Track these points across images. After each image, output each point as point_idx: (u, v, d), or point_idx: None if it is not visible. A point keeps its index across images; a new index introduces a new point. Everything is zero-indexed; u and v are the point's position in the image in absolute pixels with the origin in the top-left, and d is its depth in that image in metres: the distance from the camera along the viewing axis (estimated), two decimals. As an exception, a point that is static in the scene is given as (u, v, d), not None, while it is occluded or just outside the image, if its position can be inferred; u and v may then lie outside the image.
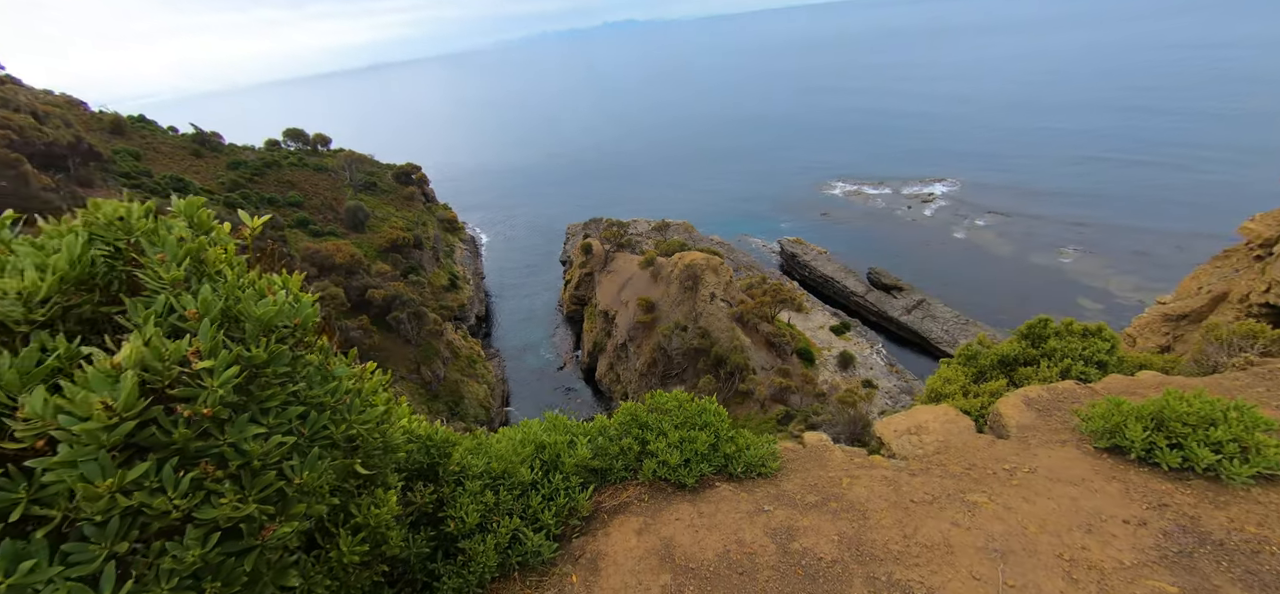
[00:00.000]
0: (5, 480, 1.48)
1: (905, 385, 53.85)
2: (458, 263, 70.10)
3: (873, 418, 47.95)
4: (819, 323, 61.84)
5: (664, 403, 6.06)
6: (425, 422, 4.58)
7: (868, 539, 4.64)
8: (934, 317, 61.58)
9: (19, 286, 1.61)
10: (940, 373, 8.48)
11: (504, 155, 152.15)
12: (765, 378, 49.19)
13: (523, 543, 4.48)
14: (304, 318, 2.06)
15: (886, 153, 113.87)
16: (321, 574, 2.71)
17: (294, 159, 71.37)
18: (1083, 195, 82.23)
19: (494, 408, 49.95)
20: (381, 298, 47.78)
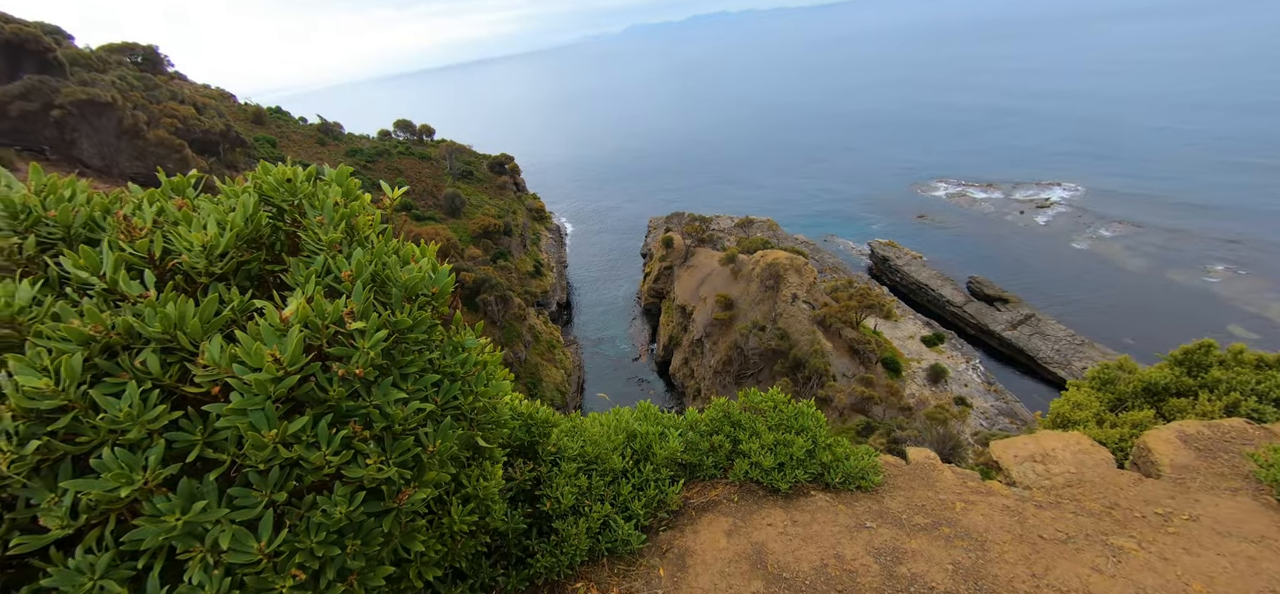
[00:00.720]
0: (186, 422, 1.59)
1: (1005, 406, 49.38)
2: (543, 251, 72.63)
3: (964, 438, 44.57)
4: (909, 332, 58.05)
5: (758, 402, 5.81)
6: (525, 400, 4.66)
7: (988, 574, 4.17)
8: (1043, 334, 55.90)
9: (202, 240, 1.73)
10: (1068, 397, 7.53)
11: (591, 148, 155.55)
12: (846, 386, 46.95)
13: (613, 530, 4.44)
14: (442, 287, 2.09)
15: (998, 152, 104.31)
16: (433, 539, 2.77)
17: (402, 148, 76.93)
18: (1237, 208, 71.09)
19: (569, 393, 51.33)
20: (472, 280, 50.43)
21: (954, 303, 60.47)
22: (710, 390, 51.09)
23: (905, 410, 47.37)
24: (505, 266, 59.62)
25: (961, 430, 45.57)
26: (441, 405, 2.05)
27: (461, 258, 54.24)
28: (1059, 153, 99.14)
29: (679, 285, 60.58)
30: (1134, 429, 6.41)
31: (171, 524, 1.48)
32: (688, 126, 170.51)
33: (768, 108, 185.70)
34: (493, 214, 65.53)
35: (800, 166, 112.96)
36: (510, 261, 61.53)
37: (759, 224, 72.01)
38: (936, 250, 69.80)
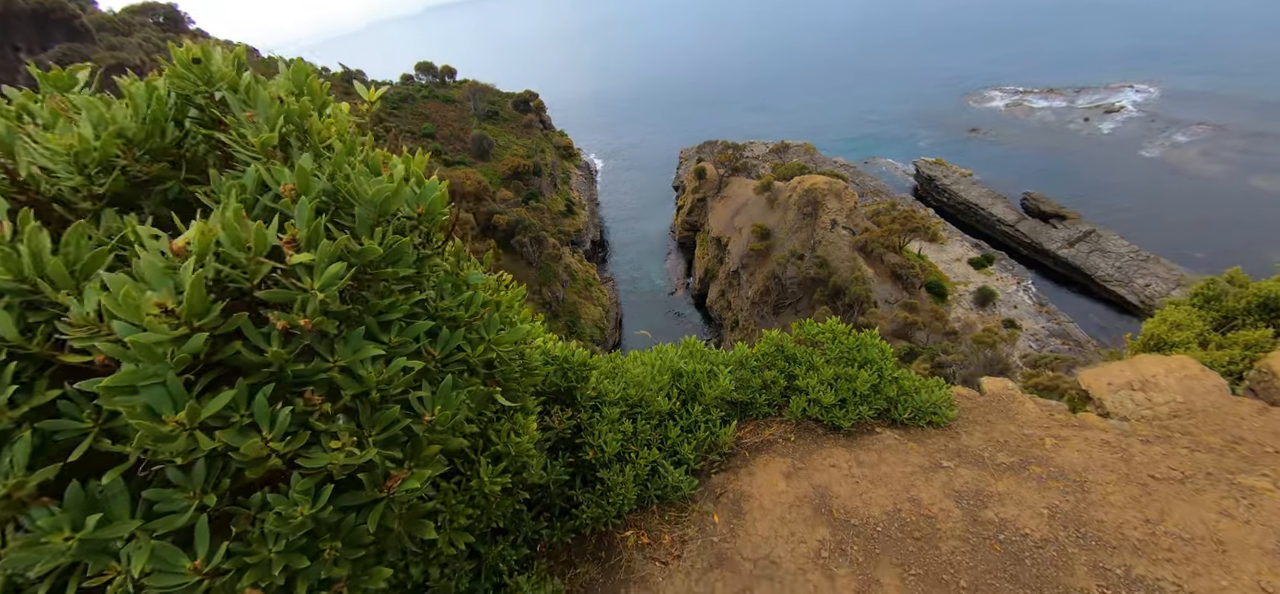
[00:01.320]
0: (67, 405, 1.18)
1: (1057, 328, 47.23)
2: (573, 189, 71.80)
3: (1013, 361, 43.06)
4: (955, 255, 55.51)
5: (814, 334, 5.28)
6: (560, 342, 4.26)
7: (1091, 519, 3.65)
8: (1103, 250, 52.51)
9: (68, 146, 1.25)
10: (1165, 315, 6.68)
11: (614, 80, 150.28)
12: (887, 312, 45.61)
13: (662, 476, 4.10)
14: (430, 206, 1.61)
15: (1061, 55, 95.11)
16: (463, 502, 2.43)
17: (425, 91, 75.95)
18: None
19: (608, 329, 51.75)
20: (505, 223, 50.40)
21: (1006, 222, 57.20)
22: (748, 322, 50.61)
23: (950, 335, 45.93)
24: (537, 207, 59.30)
25: (1010, 354, 44.04)
26: (440, 360, 1.62)
27: (494, 200, 54.09)
28: (1130, 52, 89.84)
29: (713, 217, 59.16)
30: (1248, 351, 5.61)
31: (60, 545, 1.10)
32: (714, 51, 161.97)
33: (801, 24, 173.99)
34: (522, 154, 64.70)
35: (839, 85, 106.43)
36: (542, 202, 61.11)
37: (795, 149, 68.94)
38: (988, 167, 65.49)
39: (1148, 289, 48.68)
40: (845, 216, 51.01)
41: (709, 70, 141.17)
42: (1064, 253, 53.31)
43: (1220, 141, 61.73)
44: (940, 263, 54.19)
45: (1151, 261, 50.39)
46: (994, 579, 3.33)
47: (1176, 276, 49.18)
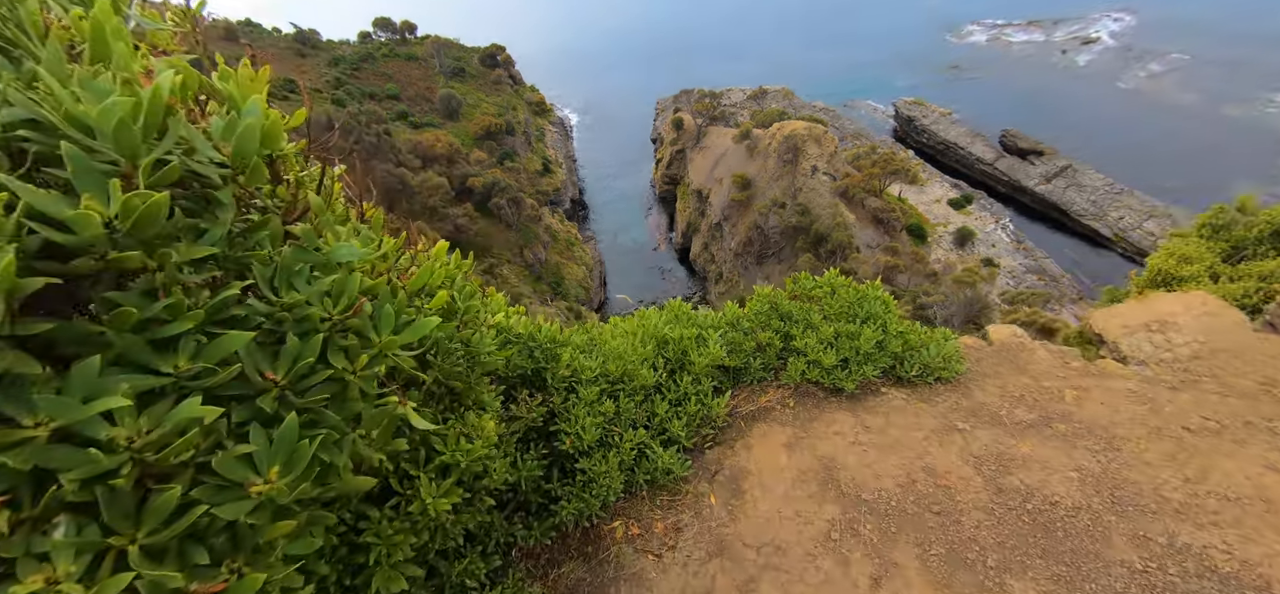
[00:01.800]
0: None
1: (1033, 264, 47.90)
2: (549, 147, 69.76)
3: (992, 299, 43.60)
4: (935, 195, 55.52)
5: (810, 289, 4.81)
6: (525, 317, 3.71)
7: (1126, 480, 3.31)
8: (1079, 185, 52.91)
9: None
10: (1171, 249, 6.34)
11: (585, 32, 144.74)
12: (870, 256, 45.70)
13: (651, 459, 3.66)
14: (242, 144, 0.98)
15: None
16: (402, 530, 1.93)
17: (386, 50, 72.25)
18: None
19: (593, 289, 51.15)
20: (481, 186, 48.86)
21: (984, 160, 57.15)
22: (732, 274, 50.41)
23: (931, 276, 46.30)
24: (513, 167, 57.55)
25: (989, 292, 44.58)
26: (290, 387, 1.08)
27: (467, 163, 52.28)
28: None
29: (693, 168, 58.11)
30: (1263, 283, 5.30)
31: None
32: None
33: None
34: (493, 113, 62.36)
35: (817, 26, 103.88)
36: (517, 162, 59.31)
37: (773, 94, 67.50)
38: (968, 104, 64.96)
39: (1121, 222, 49.37)
40: (826, 162, 50.40)
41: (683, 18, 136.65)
42: (1041, 189, 53.61)
43: (1194, 70, 61.85)
44: (920, 205, 54.19)
45: (1125, 194, 50.96)
46: (1024, 555, 2.98)
47: (1148, 209, 49.87)
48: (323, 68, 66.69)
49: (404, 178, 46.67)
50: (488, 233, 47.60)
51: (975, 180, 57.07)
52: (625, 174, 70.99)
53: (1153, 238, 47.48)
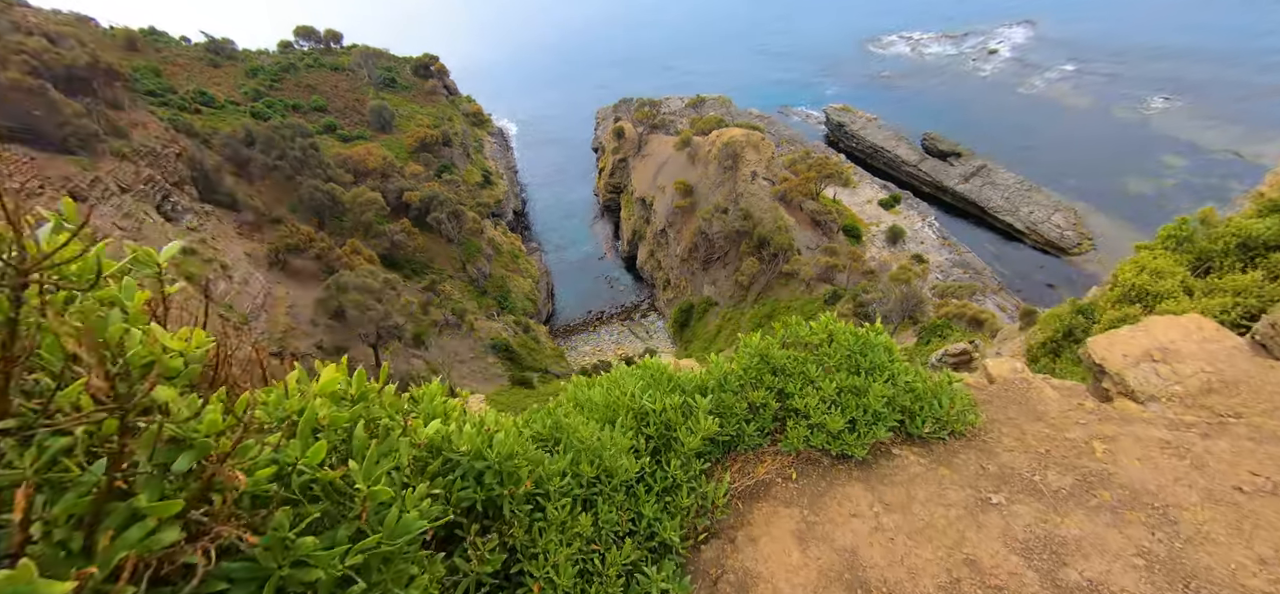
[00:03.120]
0: None
1: (959, 258, 50.51)
2: (489, 158, 67.54)
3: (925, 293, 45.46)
4: (867, 196, 57.70)
5: (805, 336, 4.15)
6: (473, 413, 2.81)
7: (1198, 567, 2.80)
8: (994, 184, 56.41)
9: None
10: (1140, 262, 6.19)
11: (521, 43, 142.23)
12: (810, 258, 46.71)
13: (643, 581, 2.85)
14: None
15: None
16: None
17: (310, 59, 67.86)
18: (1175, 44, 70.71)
19: (540, 301, 49.65)
20: (418, 200, 46.42)
21: (909, 162, 59.95)
22: (679, 280, 50.27)
23: (868, 274, 47.87)
24: (451, 180, 55.17)
25: (922, 287, 46.49)
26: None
27: (403, 177, 49.58)
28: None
29: (636, 176, 57.72)
30: (1238, 297, 5.13)
31: None
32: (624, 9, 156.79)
33: None
34: (428, 124, 59.64)
35: (749, 37, 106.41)
36: (456, 174, 56.93)
37: (711, 102, 68.25)
38: (891, 110, 68.13)
39: (1032, 216, 52.95)
40: (764, 167, 51.22)
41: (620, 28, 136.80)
42: (961, 188, 56.72)
43: (1085, 78, 67.48)
44: (854, 206, 56.10)
45: (1035, 191, 54.72)
46: (1109, 683, 2.38)
47: (1055, 203, 53.82)
48: (240, 79, 61.70)
49: (334, 193, 43.63)
50: (427, 248, 45.24)
51: (902, 181, 59.71)
52: (568, 183, 69.82)
53: (1060, 230, 51.20)
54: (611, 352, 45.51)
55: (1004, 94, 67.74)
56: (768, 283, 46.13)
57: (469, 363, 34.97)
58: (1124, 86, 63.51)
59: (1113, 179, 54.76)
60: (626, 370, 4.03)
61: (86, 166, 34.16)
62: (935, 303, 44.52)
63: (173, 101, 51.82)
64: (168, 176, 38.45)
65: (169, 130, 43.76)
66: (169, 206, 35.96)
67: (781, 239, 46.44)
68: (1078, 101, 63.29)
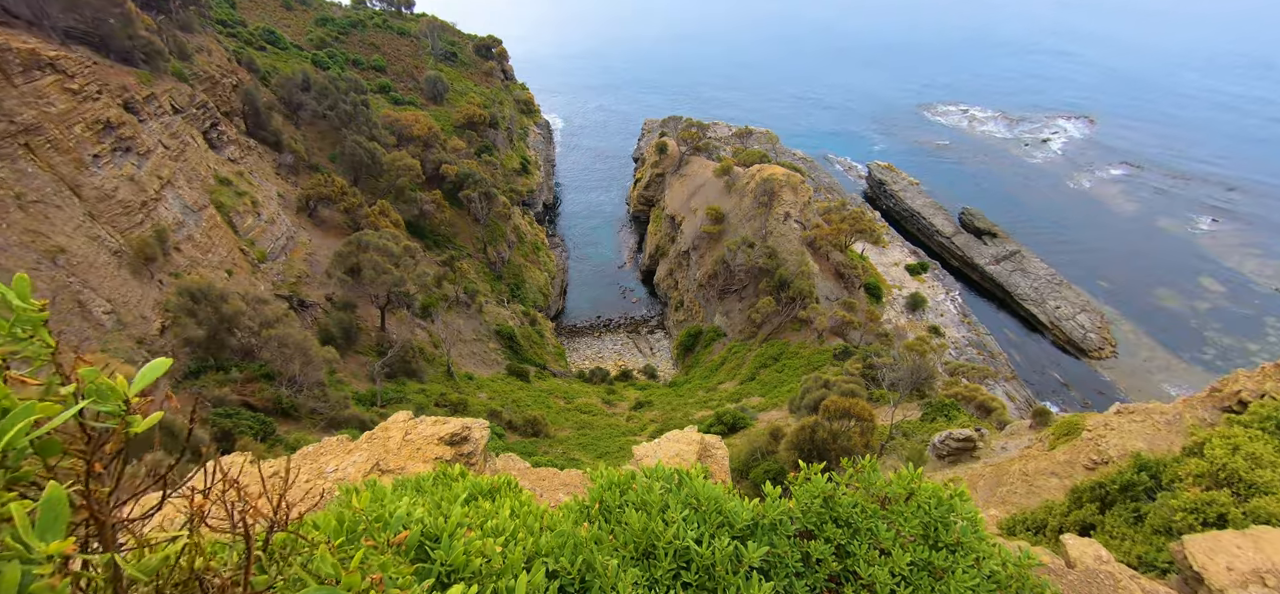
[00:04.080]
0: None
1: (975, 339, 49.18)
2: (531, 147, 67.61)
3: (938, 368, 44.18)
4: (894, 259, 56.57)
5: (879, 486, 3.50)
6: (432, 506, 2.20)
7: None
8: (1025, 271, 54.95)
9: None
10: (1231, 438, 5.40)
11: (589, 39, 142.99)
12: (827, 309, 45.75)
13: None
14: None
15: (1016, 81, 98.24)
16: None
17: (379, 19, 68.65)
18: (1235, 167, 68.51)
19: (552, 296, 49.30)
20: (454, 174, 46.39)
21: (943, 233, 58.73)
22: (693, 303, 49.59)
23: (882, 337, 46.75)
24: (490, 161, 55.18)
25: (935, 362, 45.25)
26: None
27: (444, 149, 49.64)
28: (1074, 88, 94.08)
29: (670, 194, 57.25)
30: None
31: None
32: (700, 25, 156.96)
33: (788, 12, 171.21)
34: (479, 103, 59.84)
35: (810, 75, 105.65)
36: (496, 156, 56.96)
37: (758, 136, 67.65)
38: (934, 178, 66.94)
39: (1058, 311, 51.45)
40: (799, 210, 50.44)
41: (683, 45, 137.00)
42: (991, 269, 55.38)
43: (1137, 182, 65.69)
44: (880, 265, 55.04)
45: (1064, 286, 53.20)
46: None
47: (1083, 302, 52.26)
48: (309, 26, 62.57)
49: (375, 153, 43.75)
50: (454, 223, 45.14)
51: (933, 250, 58.54)
52: (603, 187, 69.57)
53: (1084, 331, 49.64)
54: (612, 360, 44.93)
55: (1050, 184, 66.20)
56: (780, 325, 45.29)
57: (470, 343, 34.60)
58: (1173, 201, 61.68)
59: (1146, 289, 53.07)
60: (663, 487, 3.40)
61: (146, 80, 34.50)
62: (946, 380, 43.37)
63: (241, 34, 52.57)
64: (220, 105, 38.82)
65: (231, 61, 44.31)
66: (215, 135, 36.23)
67: (802, 284, 45.61)
68: (1124, 206, 61.57)
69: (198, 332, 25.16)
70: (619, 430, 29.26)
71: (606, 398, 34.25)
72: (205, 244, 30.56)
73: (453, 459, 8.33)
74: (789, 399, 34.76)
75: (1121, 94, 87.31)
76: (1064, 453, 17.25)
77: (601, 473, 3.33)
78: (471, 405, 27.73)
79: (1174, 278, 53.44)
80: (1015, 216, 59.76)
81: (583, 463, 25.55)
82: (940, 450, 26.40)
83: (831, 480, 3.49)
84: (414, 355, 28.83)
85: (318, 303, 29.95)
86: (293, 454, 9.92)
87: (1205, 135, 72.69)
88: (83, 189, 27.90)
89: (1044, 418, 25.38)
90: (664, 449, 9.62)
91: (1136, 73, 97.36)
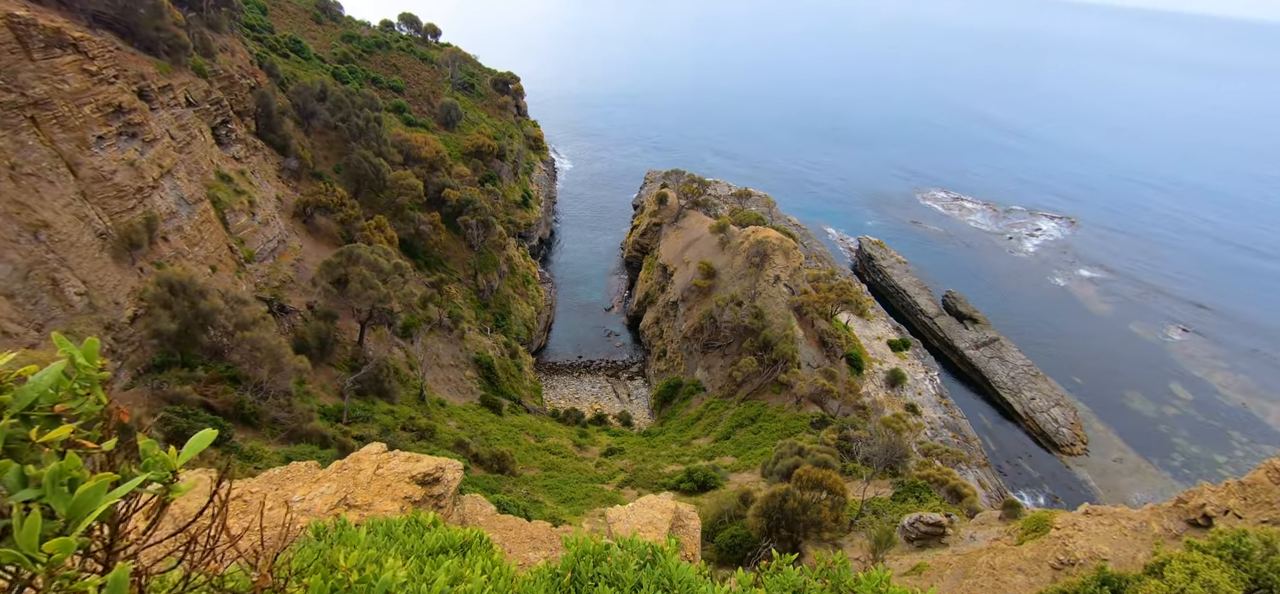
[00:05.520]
0: None
1: (951, 421, 48.67)
2: (534, 182, 68.16)
3: (912, 447, 43.41)
4: (878, 332, 56.50)
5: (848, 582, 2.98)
6: None
7: None
8: (1003, 359, 54.92)
9: None
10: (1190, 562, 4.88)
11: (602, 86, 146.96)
12: (808, 375, 45.25)
13: None
14: None
15: (1005, 173, 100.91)
16: None
17: (403, 44, 70.16)
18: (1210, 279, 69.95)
19: (536, 331, 48.62)
20: (455, 199, 46.39)
21: (927, 313, 58.90)
22: (676, 354, 49.01)
23: (860, 409, 46.16)
24: (492, 191, 55.41)
25: (910, 441, 44.54)
26: None
27: (449, 174, 49.85)
28: (1061, 185, 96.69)
29: (665, 244, 57.42)
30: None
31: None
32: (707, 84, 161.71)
33: (792, 82, 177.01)
34: (489, 134, 60.57)
35: (811, 147, 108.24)
36: (499, 186, 57.25)
37: (757, 199, 68.56)
38: (922, 257, 67.69)
39: (1033, 402, 51.14)
40: (789, 275, 50.56)
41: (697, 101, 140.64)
42: (970, 353, 55.31)
43: (1114, 285, 66.62)
44: (863, 337, 54.89)
45: (1039, 378, 53.06)
46: None
47: (1057, 397, 52.02)
48: (335, 41, 63.81)
49: (380, 169, 43.79)
50: (447, 247, 44.83)
51: (915, 328, 58.59)
52: (600, 229, 69.88)
53: (1057, 425, 49.21)
54: (588, 402, 43.93)
55: (1031, 278, 67.03)
56: (760, 386, 44.68)
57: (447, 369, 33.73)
58: (1146, 308, 62.41)
59: (1118, 390, 53.12)
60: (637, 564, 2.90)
61: (165, 71, 34.60)
62: (920, 460, 42.59)
63: (267, 39, 53.38)
64: (234, 103, 38.94)
65: (253, 64, 44.76)
66: (224, 131, 36.16)
67: (786, 347, 45.25)
68: (1099, 306, 62.19)
69: (170, 325, 24.29)
70: (587, 476, 28.19)
71: (578, 440, 33.20)
72: (194, 237, 29.99)
73: (422, 500, 8.01)
74: (762, 462, 33.86)
75: (1102, 203, 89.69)
76: (1032, 549, 16.62)
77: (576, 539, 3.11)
78: (439, 433, 26.71)
79: (1145, 381, 53.56)
80: (996, 305, 60.21)
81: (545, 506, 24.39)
82: (910, 533, 25.52)
83: (801, 574, 2.98)
84: (388, 375, 27.95)
85: (298, 309, 29.22)
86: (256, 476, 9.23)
87: (1177, 255, 74.42)
88: (81, 168, 27.47)
89: (1014, 510, 24.68)
90: (637, 515, 9.84)
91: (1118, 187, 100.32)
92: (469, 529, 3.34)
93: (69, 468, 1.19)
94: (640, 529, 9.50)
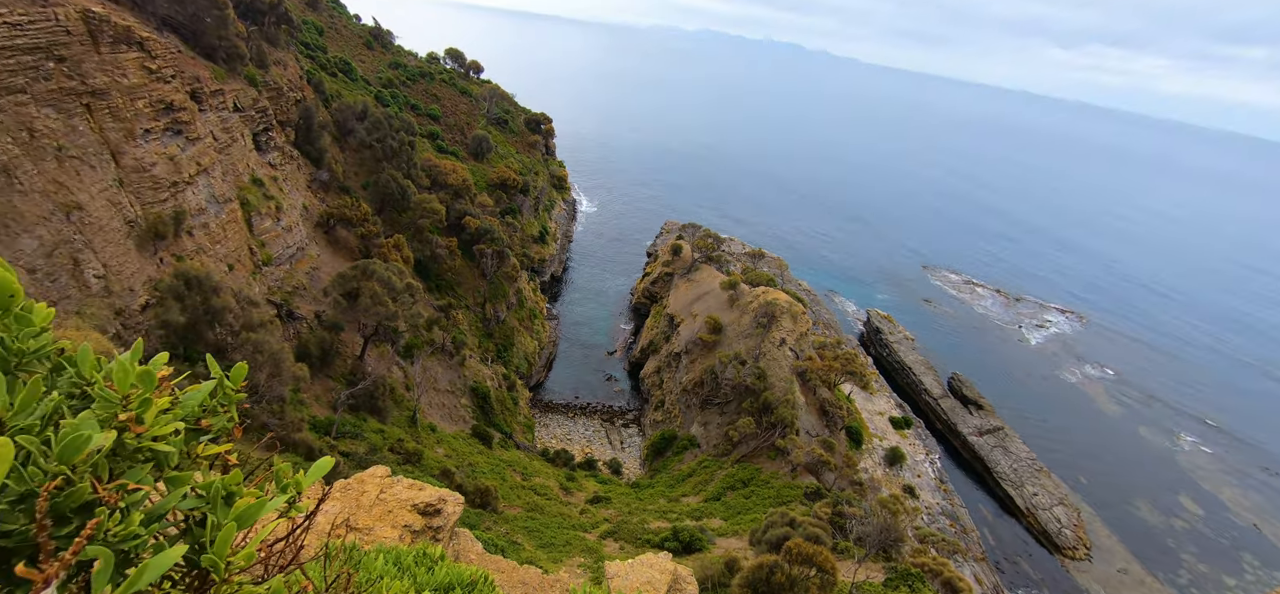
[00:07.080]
0: None
1: (949, 509, 46.55)
2: (553, 220, 68.98)
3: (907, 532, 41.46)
4: (880, 408, 55.00)
5: None
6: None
7: None
8: (1007, 449, 52.92)
9: None
10: None
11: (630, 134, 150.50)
12: (806, 444, 43.86)
13: None
14: None
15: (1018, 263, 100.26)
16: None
17: (446, 76, 72.78)
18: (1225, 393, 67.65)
19: (536, 366, 48.10)
20: (474, 227, 46.92)
21: (931, 393, 57.39)
22: (674, 406, 48.03)
23: (856, 485, 44.39)
24: (512, 223, 56.05)
25: (906, 525, 42.62)
26: None
27: (471, 203, 50.64)
28: (1074, 281, 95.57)
29: (675, 295, 57.21)
30: None
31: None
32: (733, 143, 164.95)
33: (814, 150, 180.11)
34: (515, 168, 61.79)
35: (828, 216, 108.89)
36: (518, 220, 57.95)
37: (770, 260, 68.51)
38: (930, 336, 66.54)
39: (1035, 498, 48.89)
40: (795, 339, 49.83)
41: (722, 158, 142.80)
42: (973, 440, 53.48)
43: (1123, 387, 64.62)
44: (865, 411, 53.45)
45: (1043, 474, 50.90)
46: None
47: (1061, 495, 49.69)
48: (382, 67, 66.44)
49: (406, 190, 44.61)
50: (460, 273, 45.03)
51: (919, 407, 57.06)
52: (612, 273, 70.09)
53: (1059, 525, 46.83)
54: (579, 445, 42.91)
55: (1041, 369, 65.33)
56: (756, 449, 43.37)
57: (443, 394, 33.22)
58: (1156, 414, 60.26)
59: (1124, 495, 50.73)
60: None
61: (219, 76, 35.95)
62: (915, 546, 40.54)
63: (319, 57, 55.67)
64: (278, 113, 40.24)
65: (302, 79, 46.52)
66: (264, 138, 37.22)
67: (786, 412, 44.11)
68: (1108, 406, 60.14)
69: (179, 317, 24.33)
70: (570, 523, 27.14)
71: (565, 483, 32.18)
72: (218, 234, 30.44)
73: (422, 530, 8.04)
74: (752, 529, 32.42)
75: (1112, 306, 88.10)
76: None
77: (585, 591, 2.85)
78: (427, 459, 26.04)
79: (1152, 490, 51.17)
80: (1003, 393, 58.54)
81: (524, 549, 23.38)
82: (896, 626, 24.01)
83: None
84: (384, 393, 27.56)
85: (305, 317, 29.21)
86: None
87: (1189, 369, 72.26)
88: (123, 157, 28.22)
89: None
90: (636, 574, 9.90)
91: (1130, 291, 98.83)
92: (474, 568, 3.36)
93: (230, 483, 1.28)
94: (640, 588, 9.54)
